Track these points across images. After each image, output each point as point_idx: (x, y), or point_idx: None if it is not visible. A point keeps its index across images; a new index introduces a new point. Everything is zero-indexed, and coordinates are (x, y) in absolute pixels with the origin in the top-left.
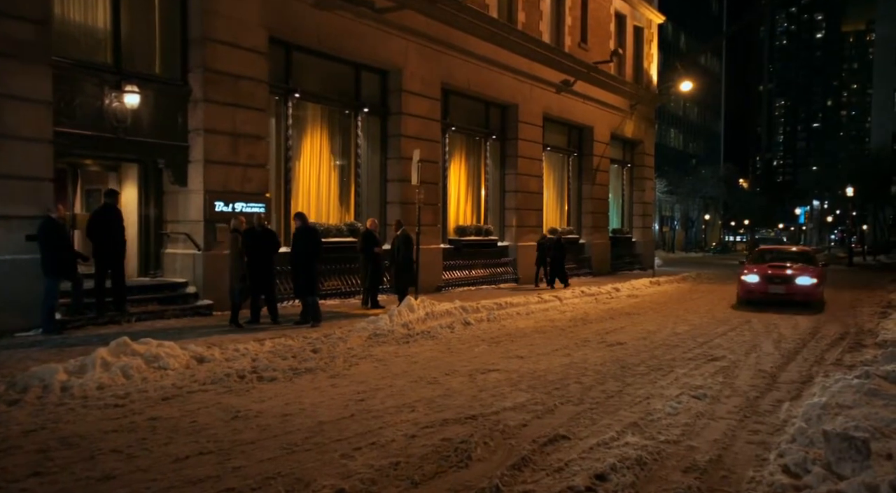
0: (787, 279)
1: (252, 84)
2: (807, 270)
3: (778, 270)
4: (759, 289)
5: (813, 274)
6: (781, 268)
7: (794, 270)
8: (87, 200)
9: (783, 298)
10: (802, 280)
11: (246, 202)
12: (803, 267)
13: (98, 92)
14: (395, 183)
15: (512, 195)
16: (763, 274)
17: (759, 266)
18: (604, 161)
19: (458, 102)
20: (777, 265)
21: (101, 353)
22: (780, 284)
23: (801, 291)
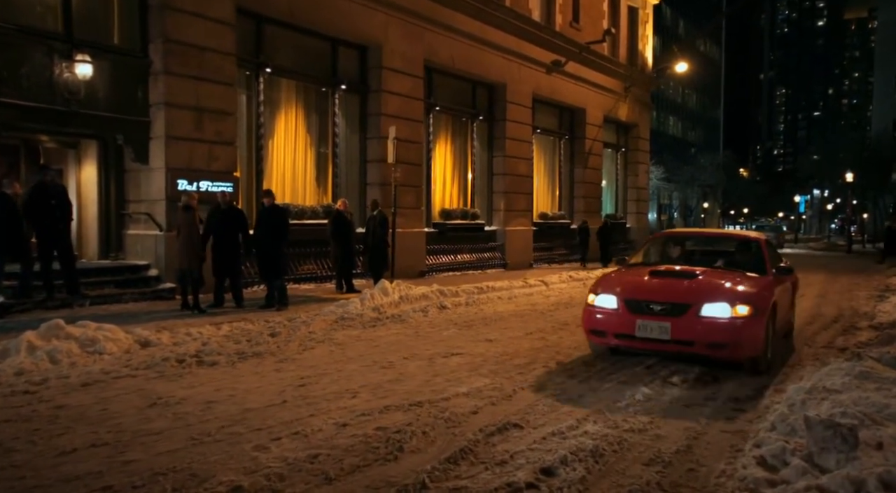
0: (678, 308)
1: (218, 57)
2: (734, 282)
3: (667, 284)
4: (615, 327)
5: (745, 294)
6: (676, 279)
7: (702, 284)
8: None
9: (667, 348)
10: (713, 308)
11: (212, 181)
12: (730, 277)
13: (47, 61)
14: (375, 164)
15: (500, 178)
16: (632, 295)
17: (635, 274)
18: (596, 145)
19: (443, 80)
20: (674, 272)
21: (27, 336)
22: (660, 317)
23: (707, 332)
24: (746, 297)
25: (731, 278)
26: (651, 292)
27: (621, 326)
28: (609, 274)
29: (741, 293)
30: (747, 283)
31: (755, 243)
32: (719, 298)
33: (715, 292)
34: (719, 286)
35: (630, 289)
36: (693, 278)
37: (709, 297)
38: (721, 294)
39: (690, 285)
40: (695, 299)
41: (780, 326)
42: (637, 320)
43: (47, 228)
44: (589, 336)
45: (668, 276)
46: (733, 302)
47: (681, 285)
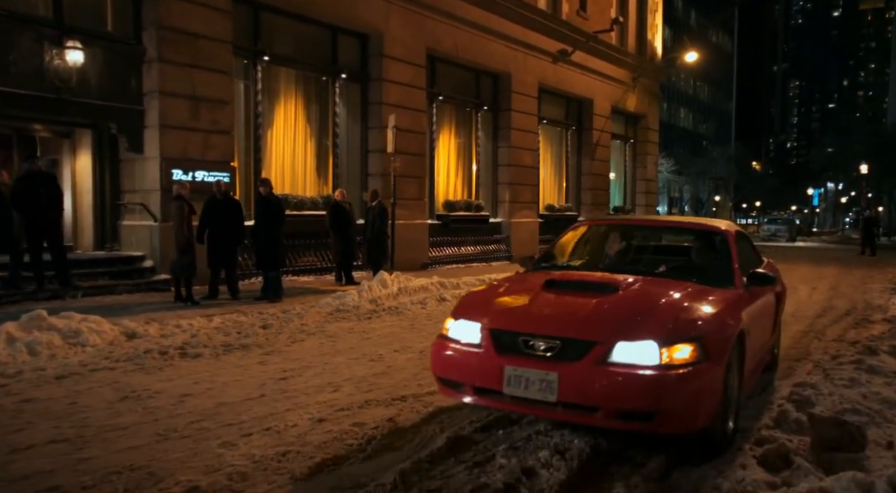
0: (574, 348)
1: (213, 44)
2: (674, 301)
3: (564, 304)
4: (474, 376)
5: (691, 323)
6: (582, 295)
7: (620, 305)
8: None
9: (554, 415)
10: (632, 350)
11: (208, 171)
12: (671, 292)
13: (37, 48)
14: (377, 154)
15: (505, 169)
16: (503, 322)
17: (524, 285)
18: (604, 136)
19: (446, 70)
20: (583, 283)
21: (7, 327)
22: (544, 363)
23: (617, 392)
24: (692, 328)
25: (671, 295)
26: (535, 318)
27: (483, 374)
28: (488, 287)
29: (684, 323)
30: (698, 302)
31: (720, 237)
32: (644, 331)
33: (638, 321)
34: (648, 310)
35: (503, 312)
36: (610, 293)
37: (627, 328)
38: (648, 324)
39: (601, 306)
40: (603, 331)
41: (754, 367)
42: (506, 367)
43: (36, 218)
44: (440, 387)
45: (570, 289)
46: (668, 338)
47: (584, 308)
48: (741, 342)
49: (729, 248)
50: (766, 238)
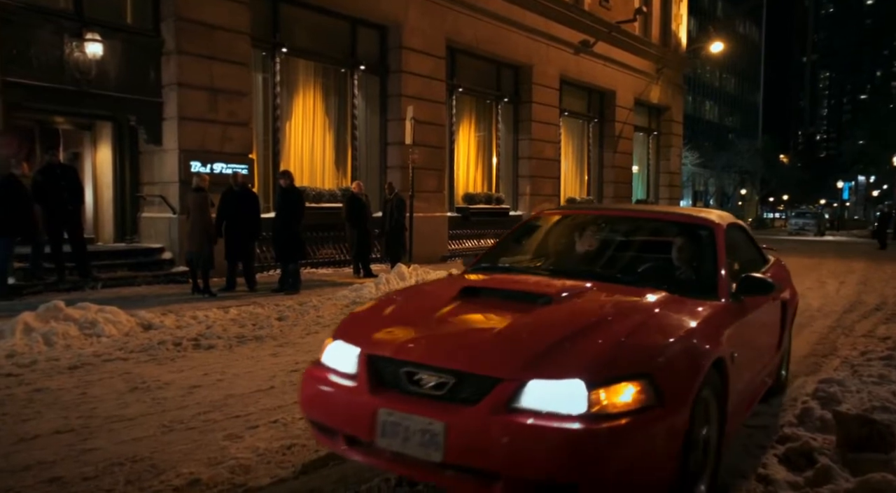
0: (468, 385)
1: (231, 36)
2: (624, 318)
3: (469, 322)
4: (345, 420)
5: (639, 352)
6: (501, 308)
7: (543, 323)
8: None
9: (440, 480)
10: (547, 392)
11: (226, 163)
12: (625, 305)
13: (56, 40)
14: (396, 146)
15: (526, 162)
16: (384, 346)
17: (433, 293)
18: (627, 128)
19: (466, 61)
20: (508, 291)
21: (24, 317)
22: (428, 405)
23: (522, 452)
24: (639, 359)
25: (621, 311)
26: (426, 341)
27: (353, 418)
28: (387, 295)
29: (629, 351)
30: (658, 320)
31: (705, 232)
32: (568, 364)
33: (563, 349)
34: (580, 333)
35: (388, 332)
36: (538, 306)
37: (544, 360)
38: (575, 354)
39: (516, 327)
40: (510, 364)
41: (744, 399)
42: (381, 410)
43: (57, 210)
44: (314, 433)
45: (490, 301)
46: (602, 374)
47: (494, 329)
48: (721, 373)
49: (715, 246)
50: (794, 232)
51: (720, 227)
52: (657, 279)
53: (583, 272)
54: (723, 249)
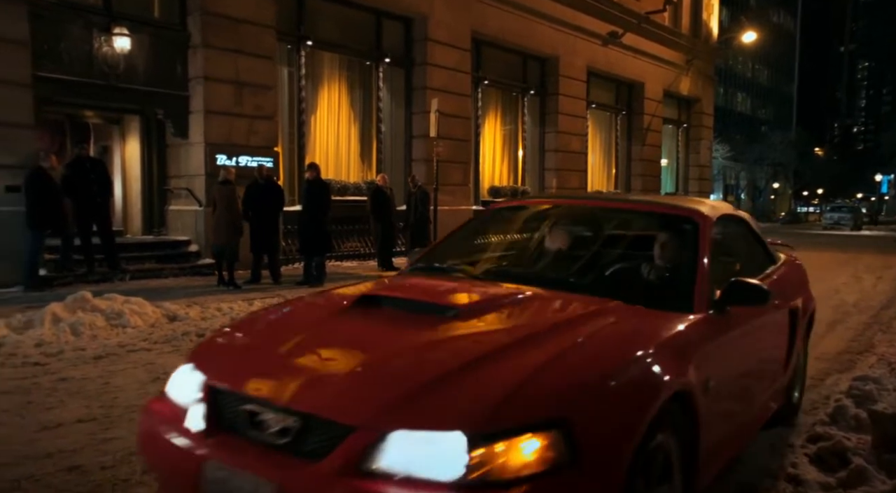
0: (314, 432)
1: (257, 29)
2: (544, 339)
3: (331, 352)
4: (169, 476)
5: (556, 388)
6: (391, 325)
7: (416, 350)
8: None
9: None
10: (412, 446)
11: (251, 156)
12: (553, 320)
13: (86, 35)
14: (421, 139)
15: (552, 155)
16: (229, 377)
17: (321, 306)
18: (656, 120)
19: (492, 53)
20: (407, 300)
21: (53, 308)
22: (263, 459)
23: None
24: (549, 400)
25: (549, 328)
26: (277, 370)
27: (177, 471)
28: (273, 306)
29: (535, 390)
30: (593, 344)
31: (689, 226)
32: (445, 408)
33: (443, 387)
34: (471, 364)
35: (238, 356)
36: (447, 318)
37: (414, 403)
38: (457, 394)
39: (395, 350)
40: (368, 407)
41: (725, 438)
42: (208, 462)
43: (86, 203)
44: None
45: (387, 309)
46: (491, 423)
47: (365, 354)
48: (688, 409)
49: (697, 244)
50: (828, 227)
51: (706, 220)
52: (620, 285)
53: (528, 275)
54: (706, 247)
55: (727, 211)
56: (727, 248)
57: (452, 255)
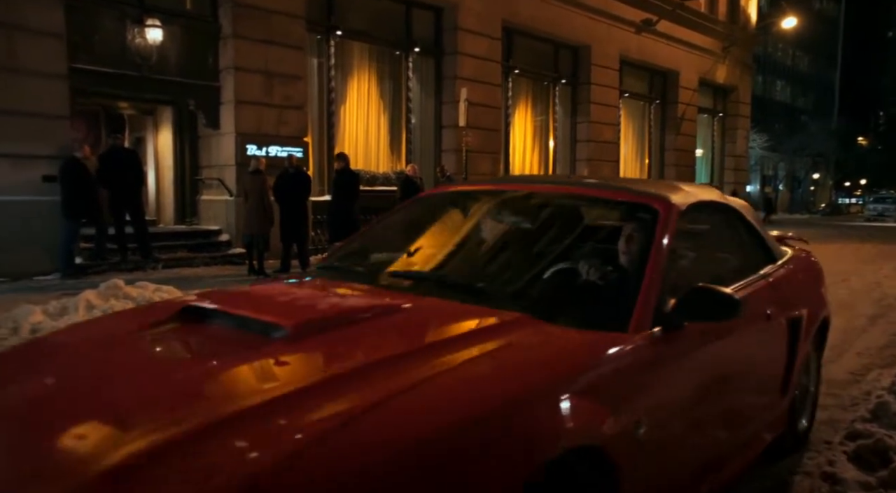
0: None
1: (287, 19)
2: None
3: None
4: None
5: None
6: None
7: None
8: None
9: None
10: None
11: (281, 146)
12: (433, 344)
13: (119, 27)
14: (450, 129)
15: (584, 145)
16: None
17: (129, 321)
18: (690, 110)
19: (523, 42)
20: (230, 315)
21: (86, 295)
22: None
23: None
24: (344, 471)
25: (397, 355)
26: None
27: None
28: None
29: (322, 461)
30: (452, 382)
31: (648, 217)
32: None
33: (167, 457)
34: (243, 414)
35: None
36: (273, 341)
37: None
38: (176, 470)
39: (149, 393)
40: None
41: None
42: None
43: (120, 192)
44: None
45: (207, 326)
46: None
47: (117, 398)
48: (603, 470)
49: (650, 240)
50: (872, 218)
51: (669, 209)
52: (541, 294)
53: (430, 279)
54: (661, 245)
55: (708, 198)
56: (708, 244)
57: (375, 249)
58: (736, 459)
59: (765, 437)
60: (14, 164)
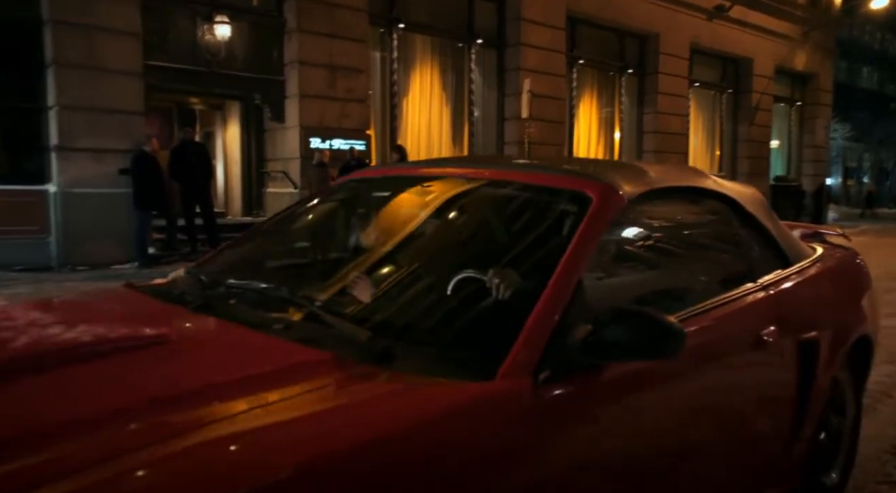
0: None
1: (349, 13)
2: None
3: None
4: None
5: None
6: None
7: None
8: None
9: None
10: None
11: (344, 139)
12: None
13: (190, 24)
14: (513, 121)
15: (650, 136)
16: None
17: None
18: (765, 99)
19: (587, 32)
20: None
21: None
22: None
23: None
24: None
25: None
26: None
27: None
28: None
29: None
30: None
31: (571, 210)
32: None
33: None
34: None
35: None
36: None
37: None
38: None
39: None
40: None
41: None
42: None
43: (190, 185)
44: None
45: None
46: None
47: None
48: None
49: (566, 241)
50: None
51: (608, 198)
52: (390, 324)
53: (271, 297)
54: (581, 249)
55: (686, 183)
56: (680, 246)
57: (269, 252)
58: None
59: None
60: (95, 157)
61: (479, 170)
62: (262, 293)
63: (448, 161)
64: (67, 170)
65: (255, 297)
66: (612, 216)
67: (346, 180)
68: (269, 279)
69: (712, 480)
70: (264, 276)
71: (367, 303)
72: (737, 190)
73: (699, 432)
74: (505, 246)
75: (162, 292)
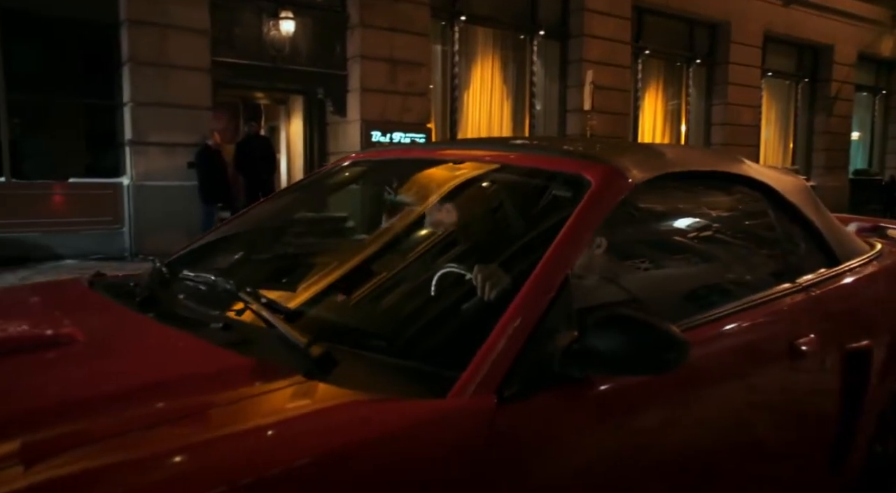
0: None
1: (412, 7)
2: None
3: None
4: None
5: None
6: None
7: None
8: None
9: None
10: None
11: (405, 133)
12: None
13: (255, 20)
14: (575, 114)
15: (719, 129)
16: None
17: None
18: (846, 88)
19: (654, 21)
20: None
21: None
22: None
23: None
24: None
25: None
26: None
27: None
28: None
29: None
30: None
31: (566, 196)
32: None
33: None
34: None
35: None
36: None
37: None
38: None
39: None
40: None
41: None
42: None
43: (254, 178)
44: None
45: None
46: None
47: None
48: None
49: (555, 233)
50: None
51: (610, 182)
52: (340, 328)
53: (222, 293)
54: (574, 241)
55: (710, 167)
56: (703, 240)
57: (226, 247)
58: None
59: None
60: (165, 151)
61: (470, 151)
62: (211, 287)
63: (442, 144)
64: (140, 163)
65: (203, 292)
66: (613, 203)
67: (335, 165)
68: (230, 272)
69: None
70: (229, 268)
71: (320, 303)
72: (775, 177)
73: (709, 461)
74: (489, 238)
75: (114, 285)
